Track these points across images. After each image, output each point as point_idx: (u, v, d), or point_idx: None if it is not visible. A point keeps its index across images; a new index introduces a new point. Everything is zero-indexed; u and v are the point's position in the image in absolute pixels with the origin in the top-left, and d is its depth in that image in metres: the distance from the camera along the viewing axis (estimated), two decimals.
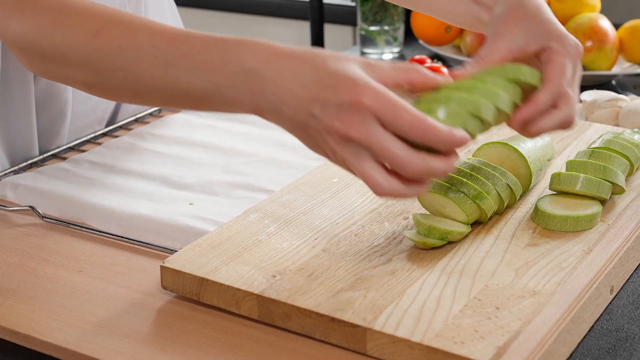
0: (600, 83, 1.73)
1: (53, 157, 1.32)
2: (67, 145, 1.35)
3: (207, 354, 0.88)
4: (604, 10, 1.94)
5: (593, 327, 0.93)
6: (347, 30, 2.34)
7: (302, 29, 2.38)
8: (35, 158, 1.31)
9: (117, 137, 1.40)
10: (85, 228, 1.12)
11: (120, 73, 0.87)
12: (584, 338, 0.91)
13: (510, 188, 1.05)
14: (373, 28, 1.95)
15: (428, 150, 0.80)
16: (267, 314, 0.91)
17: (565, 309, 0.88)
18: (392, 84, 0.81)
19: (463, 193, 1.01)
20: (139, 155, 1.31)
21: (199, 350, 0.89)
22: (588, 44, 1.70)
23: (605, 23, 1.73)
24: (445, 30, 1.85)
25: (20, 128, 1.30)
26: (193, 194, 1.20)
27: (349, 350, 0.87)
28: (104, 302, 0.97)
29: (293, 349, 0.89)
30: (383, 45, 1.96)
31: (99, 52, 0.87)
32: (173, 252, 1.05)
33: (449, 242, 1.00)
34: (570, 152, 1.24)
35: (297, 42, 2.42)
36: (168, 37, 0.84)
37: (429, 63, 1.62)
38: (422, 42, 1.91)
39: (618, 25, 1.81)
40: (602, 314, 0.95)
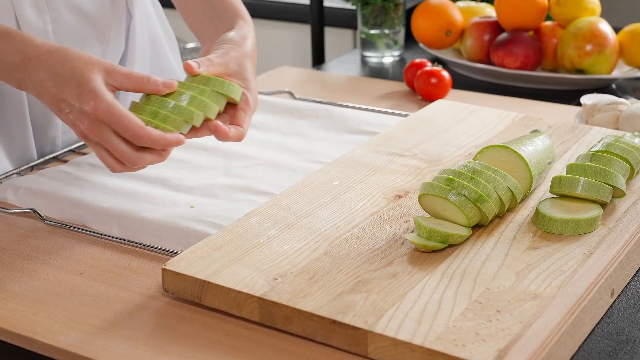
0: (601, 87, 1.74)
1: (54, 159, 1.33)
2: (68, 148, 1.35)
3: (208, 356, 0.88)
4: (604, 14, 1.95)
5: (594, 330, 0.93)
6: (347, 34, 2.34)
7: (302, 33, 2.39)
8: (37, 161, 1.31)
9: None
10: (87, 231, 1.13)
11: None
12: (585, 341, 0.92)
13: (511, 191, 1.05)
14: (373, 31, 1.95)
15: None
16: (268, 317, 0.91)
17: (566, 312, 0.88)
18: (124, 89, 1.05)
19: (464, 196, 1.01)
20: None
21: (201, 353, 0.89)
22: (588, 48, 1.70)
23: (606, 27, 1.73)
24: (446, 34, 1.85)
25: (14, 122, 1.31)
26: (194, 197, 1.20)
27: (350, 353, 0.88)
28: (106, 304, 0.97)
29: (294, 352, 0.89)
30: (383, 49, 1.96)
31: None
32: (174, 254, 1.06)
33: (450, 245, 1.00)
34: (571, 155, 1.24)
35: (297, 45, 2.42)
36: None
37: (430, 66, 1.62)
38: (422, 45, 1.92)
39: (618, 29, 1.82)
40: (602, 317, 0.95)
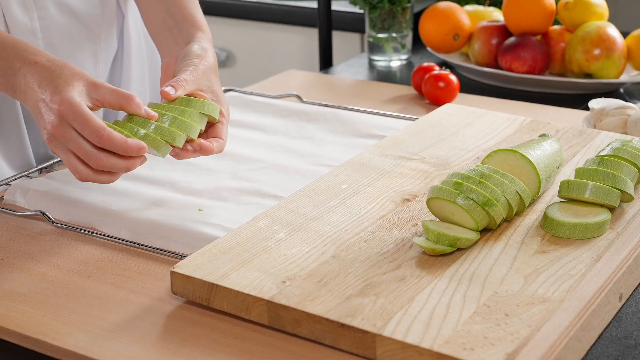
0: (608, 91, 1.74)
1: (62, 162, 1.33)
2: None
3: (217, 359, 0.88)
4: (612, 19, 1.95)
5: (602, 334, 0.93)
6: (355, 38, 2.34)
7: (310, 36, 2.39)
8: (47, 163, 1.32)
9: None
10: (96, 233, 1.13)
11: None
12: (593, 345, 0.92)
13: (520, 195, 1.05)
14: (381, 35, 1.95)
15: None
16: (277, 320, 0.91)
17: (575, 316, 0.88)
18: (106, 104, 1.07)
19: (472, 200, 1.01)
20: (148, 161, 1.31)
21: (209, 355, 0.89)
22: (596, 52, 1.70)
23: (613, 31, 1.73)
24: (453, 38, 1.85)
25: (10, 128, 1.32)
26: (202, 200, 1.20)
27: (359, 356, 0.88)
28: (114, 307, 0.98)
29: (303, 355, 0.89)
30: (391, 53, 1.96)
31: None
32: (183, 257, 1.06)
33: (458, 248, 1.00)
34: (579, 159, 1.24)
35: (305, 49, 2.42)
36: None
37: (437, 70, 1.62)
38: (430, 49, 1.92)
39: (626, 34, 1.82)
40: (611, 322, 0.95)
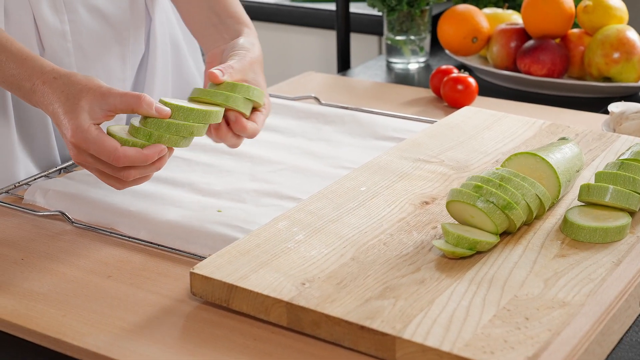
0: (628, 94, 1.73)
1: None
2: None
3: None
4: (632, 22, 1.94)
5: (622, 339, 0.93)
6: (373, 40, 2.34)
7: (328, 38, 2.39)
8: (65, 164, 1.32)
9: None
10: (115, 234, 1.13)
11: None
12: (613, 350, 0.91)
13: (540, 199, 1.05)
14: (399, 38, 1.95)
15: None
16: (296, 322, 0.91)
17: (595, 321, 0.88)
18: (118, 111, 1.07)
19: (492, 203, 1.01)
20: (167, 162, 1.31)
21: (228, 357, 0.89)
22: (615, 56, 1.69)
23: (633, 34, 1.72)
24: (472, 41, 1.85)
25: (37, 127, 1.33)
26: (221, 201, 1.20)
27: (378, 359, 0.88)
28: (134, 307, 0.98)
29: (322, 357, 0.89)
30: (409, 55, 1.96)
31: None
32: (202, 258, 1.06)
33: (478, 252, 1.00)
34: (599, 163, 1.24)
35: (323, 51, 2.42)
36: None
37: (456, 73, 1.62)
38: (448, 52, 1.91)
39: None
40: (631, 326, 0.95)
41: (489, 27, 1.87)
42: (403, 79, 1.89)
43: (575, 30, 1.81)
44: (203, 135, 1.11)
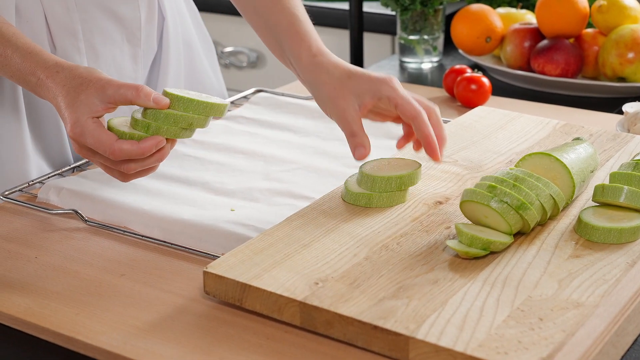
0: None
1: None
2: None
3: (249, 359, 0.89)
4: None
5: (636, 340, 0.93)
6: (386, 39, 2.34)
7: (341, 38, 2.39)
8: (79, 162, 1.32)
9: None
10: (128, 232, 1.13)
11: None
12: (628, 351, 0.91)
13: (554, 199, 1.05)
14: (412, 37, 1.95)
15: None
16: (309, 321, 0.91)
17: (610, 322, 0.88)
18: (118, 103, 1.06)
19: (506, 203, 1.01)
20: (181, 161, 1.32)
21: (241, 356, 0.89)
22: (630, 56, 1.69)
23: None
24: (486, 40, 1.85)
25: (50, 126, 1.33)
26: (234, 200, 1.20)
27: (391, 359, 0.87)
28: (147, 306, 0.98)
29: (335, 357, 0.89)
30: (422, 55, 1.95)
31: None
32: (215, 257, 1.06)
33: (492, 252, 1.00)
34: (613, 163, 1.23)
35: (336, 50, 2.42)
36: (4, 44, 1.14)
37: (470, 73, 1.62)
38: (461, 51, 1.91)
39: None
40: None
41: (503, 26, 1.87)
42: (416, 79, 1.89)
43: (590, 30, 1.80)
44: (205, 127, 1.10)
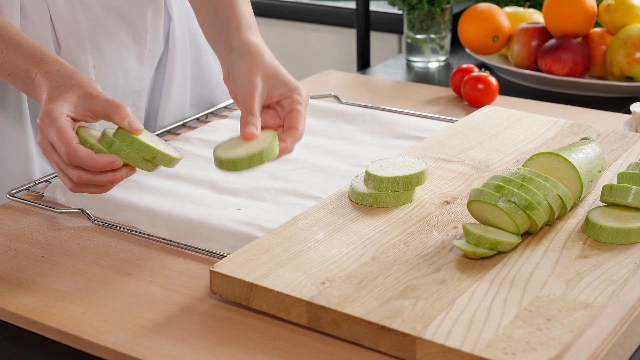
0: None
1: None
2: None
3: (255, 359, 0.88)
4: None
5: None
6: (393, 38, 2.34)
7: (348, 37, 2.39)
8: None
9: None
10: (135, 231, 1.13)
11: None
12: (636, 352, 0.91)
13: (561, 199, 1.04)
14: (419, 36, 1.95)
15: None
16: (316, 321, 0.91)
17: (618, 322, 0.87)
18: (97, 115, 1.06)
19: (514, 203, 1.00)
20: (187, 160, 1.32)
21: (248, 355, 0.89)
22: (638, 55, 1.68)
23: None
24: (493, 39, 1.84)
25: None
26: (241, 200, 1.20)
27: (398, 359, 0.87)
28: (154, 305, 0.98)
29: (342, 356, 0.89)
30: (429, 54, 1.95)
31: None
32: (222, 257, 1.06)
33: (499, 252, 1.00)
34: (621, 163, 1.23)
35: (343, 49, 2.42)
36: (7, 42, 1.15)
37: (477, 72, 1.61)
38: (468, 50, 1.91)
39: None
40: None
41: (510, 25, 1.86)
42: (423, 78, 1.89)
43: (597, 30, 1.80)
44: (169, 168, 1.09)
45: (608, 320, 0.87)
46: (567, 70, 1.74)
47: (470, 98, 1.59)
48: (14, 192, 1.23)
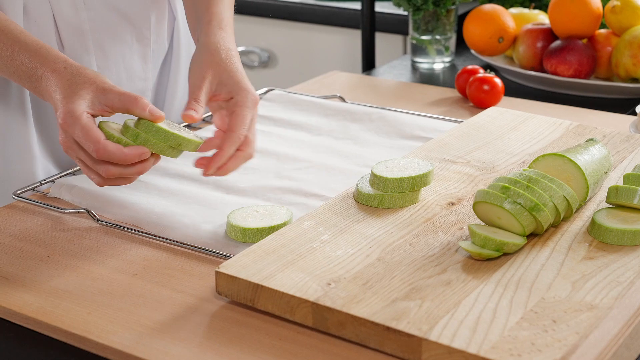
0: None
1: None
2: None
3: None
4: None
5: None
6: (398, 39, 2.33)
7: (353, 38, 2.38)
8: None
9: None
10: (140, 232, 1.13)
11: None
12: None
13: (567, 200, 1.04)
14: (424, 37, 1.94)
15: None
16: (321, 322, 0.91)
17: (624, 324, 0.87)
18: (115, 109, 1.08)
19: (519, 204, 1.00)
20: (192, 159, 1.31)
21: (253, 356, 0.89)
22: None
23: None
24: (498, 41, 1.84)
25: (55, 127, 1.33)
26: (246, 199, 1.20)
27: None
28: (159, 306, 0.98)
29: (347, 358, 0.89)
30: (434, 55, 1.95)
31: None
32: (227, 257, 1.06)
33: (504, 253, 0.99)
34: (627, 165, 1.22)
35: (347, 50, 2.42)
36: (11, 40, 1.15)
37: (482, 73, 1.61)
38: (473, 51, 1.91)
39: None
40: None
41: (515, 27, 1.86)
42: (428, 79, 1.89)
43: (603, 31, 1.80)
44: (194, 151, 1.11)
45: (614, 322, 0.87)
46: (572, 72, 1.73)
47: (476, 99, 1.59)
48: (19, 192, 1.24)
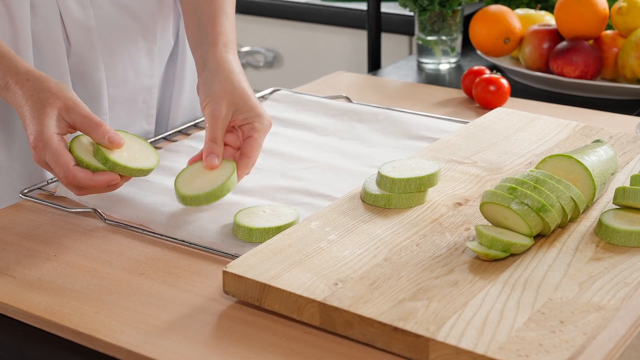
0: None
1: None
2: None
3: None
4: None
5: None
6: (404, 40, 2.33)
7: (359, 38, 2.38)
8: None
9: (175, 141, 1.41)
10: (147, 231, 1.13)
11: None
12: None
13: (574, 201, 1.04)
14: (430, 38, 1.94)
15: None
16: (329, 322, 0.91)
17: (631, 325, 0.87)
18: (77, 128, 1.09)
19: (527, 205, 1.00)
20: None
21: (261, 356, 0.89)
22: None
23: None
24: (504, 41, 1.84)
25: None
26: (252, 199, 1.20)
27: None
28: (166, 305, 0.98)
29: (355, 358, 0.89)
30: (440, 55, 1.95)
31: None
32: (234, 257, 1.06)
33: (512, 254, 0.99)
34: (634, 166, 1.22)
35: (353, 51, 2.42)
36: None
37: (488, 74, 1.61)
38: (479, 52, 1.91)
39: None
40: None
41: (522, 28, 1.86)
42: (434, 80, 1.89)
43: (609, 32, 1.80)
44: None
45: (621, 323, 0.87)
46: (578, 73, 1.73)
47: (482, 100, 1.59)
48: (27, 191, 1.24)
